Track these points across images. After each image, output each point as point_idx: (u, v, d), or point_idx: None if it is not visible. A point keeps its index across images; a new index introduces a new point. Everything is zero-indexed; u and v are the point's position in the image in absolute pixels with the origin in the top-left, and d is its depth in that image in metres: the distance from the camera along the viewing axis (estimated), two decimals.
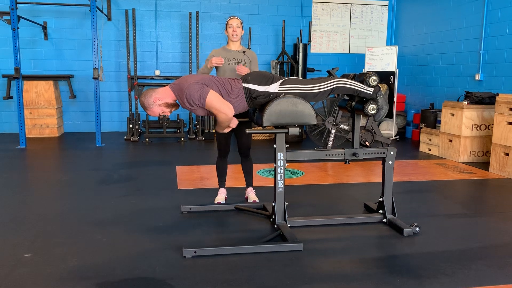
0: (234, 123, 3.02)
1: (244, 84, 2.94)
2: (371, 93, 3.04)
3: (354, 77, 3.16)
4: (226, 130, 3.05)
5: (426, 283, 2.35)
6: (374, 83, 3.04)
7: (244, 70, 3.45)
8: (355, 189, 4.34)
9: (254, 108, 3.13)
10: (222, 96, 2.87)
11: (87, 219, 3.32)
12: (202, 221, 3.29)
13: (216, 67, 3.65)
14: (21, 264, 2.53)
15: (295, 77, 3.07)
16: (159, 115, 2.92)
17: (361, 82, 3.06)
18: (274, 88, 2.90)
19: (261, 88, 2.91)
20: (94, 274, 2.41)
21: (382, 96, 3.06)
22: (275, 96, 2.90)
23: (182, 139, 7.10)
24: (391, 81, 3.16)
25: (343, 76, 3.22)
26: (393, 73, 3.16)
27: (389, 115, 3.18)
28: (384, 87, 3.13)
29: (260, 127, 3.13)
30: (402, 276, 2.43)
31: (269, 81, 2.93)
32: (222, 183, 3.84)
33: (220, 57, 3.55)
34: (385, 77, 3.20)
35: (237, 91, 2.92)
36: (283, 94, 2.90)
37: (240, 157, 3.77)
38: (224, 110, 2.84)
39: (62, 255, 2.66)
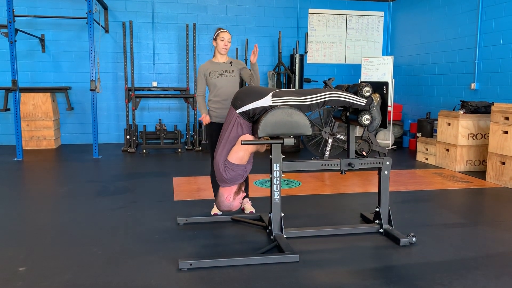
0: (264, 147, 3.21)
1: (238, 111, 2.95)
2: (364, 104, 3.06)
3: (347, 88, 3.17)
4: (264, 148, 3.23)
5: None
6: (368, 94, 3.05)
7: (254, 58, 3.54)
8: (352, 199, 4.34)
9: None
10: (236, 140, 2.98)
11: (83, 231, 3.30)
12: (198, 233, 3.28)
13: (208, 83, 3.70)
14: (15, 277, 2.51)
15: (285, 89, 3.10)
16: (241, 202, 3.09)
17: (355, 93, 3.07)
18: (267, 101, 2.91)
19: (253, 105, 2.91)
20: (89, 287, 2.40)
21: (375, 108, 3.08)
22: (270, 108, 2.91)
23: (179, 150, 7.10)
24: (385, 91, 3.18)
25: (337, 87, 3.24)
26: (386, 83, 3.17)
27: (383, 125, 3.19)
28: (376, 96, 3.14)
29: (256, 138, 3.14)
30: (398, 287, 2.42)
31: (257, 95, 2.94)
32: None
33: (207, 117, 3.68)
34: (378, 87, 3.21)
35: (236, 123, 2.95)
36: (277, 106, 2.91)
37: None
38: (245, 146, 2.91)
39: (58, 268, 2.64)
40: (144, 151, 6.93)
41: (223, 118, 3.44)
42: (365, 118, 3.05)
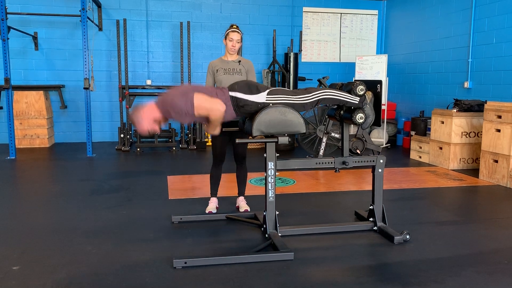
0: (218, 131, 3.00)
1: (230, 93, 2.95)
2: (357, 102, 3.07)
3: (341, 87, 3.18)
4: (217, 131, 3.00)
5: None
6: (361, 92, 3.06)
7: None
8: (346, 197, 4.35)
9: (244, 117, 3.15)
10: None
11: (77, 230, 3.29)
12: (192, 231, 3.28)
13: (215, 80, 3.72)
14: (9, 277, 2.50)
15: (281, 87, 3.09)
16: (148, 131, 2.88)
17: (349, 91, 3.08)
18: (261, 98, 2.91)
19: (248, 97, 2.91)
20: (83, 286, 2.39)
21: (368, 105, 3.09)
22: (263, 106, 2.92)
23: (174, 148, 7.08)
24: (378, 90, 3.19)
25: (331, 85, 3.25)
26: (380, 82, 3.18)
27: (377, 123, 3.20)
28: (369, 94, 3.15)
29: (250, 137, 3.14)
30: (392, 284, 2.43)
31: (255, 90, 2.94)
32: (214, 192, 3.84)
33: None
34: (372, 85, 3.22)
35: (224, 99, 2.92)
36: (271, 104, 2.92)
37: (236, 165, 3.81)
38: (216, 107, 2.83)
39: (51, 267, 2.63)
40: (138, 149, 6.90)
41: (227, 116, 3.29)
42: (359, 117, 3.06)
